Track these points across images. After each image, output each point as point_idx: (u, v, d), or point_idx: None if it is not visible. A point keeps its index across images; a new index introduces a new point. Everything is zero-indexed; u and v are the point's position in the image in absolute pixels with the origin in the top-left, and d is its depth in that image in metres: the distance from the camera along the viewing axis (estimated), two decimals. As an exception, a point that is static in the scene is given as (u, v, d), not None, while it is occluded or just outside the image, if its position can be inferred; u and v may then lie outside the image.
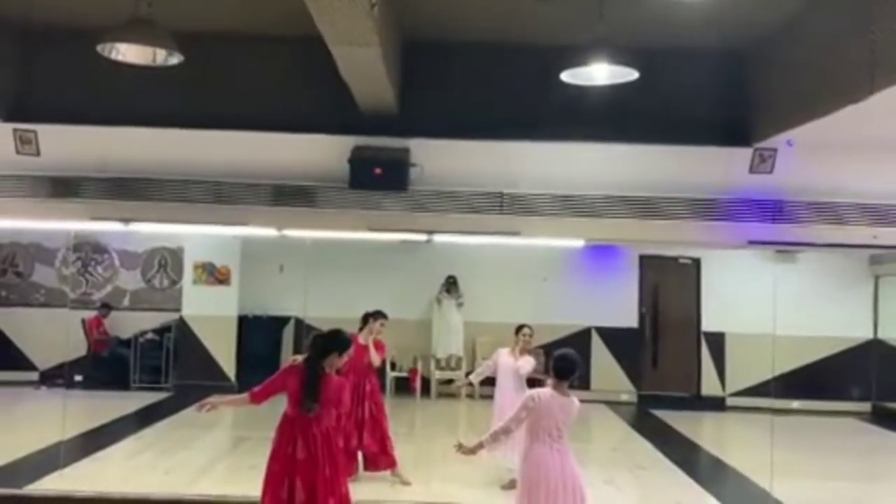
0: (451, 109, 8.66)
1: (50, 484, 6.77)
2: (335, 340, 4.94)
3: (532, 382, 6.90)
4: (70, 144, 8.86)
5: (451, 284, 12.58)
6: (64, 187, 9.10)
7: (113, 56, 6.31)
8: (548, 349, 7.91)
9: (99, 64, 6.61)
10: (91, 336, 12.57)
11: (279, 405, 4.99)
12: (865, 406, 12.76)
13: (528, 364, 7.10)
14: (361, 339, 7.26)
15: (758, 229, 9.05)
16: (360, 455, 7.22)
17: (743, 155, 8.67)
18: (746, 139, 8.62)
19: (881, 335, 12.85)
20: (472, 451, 4.91)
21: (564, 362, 4.72)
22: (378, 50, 6.46)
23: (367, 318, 7.43)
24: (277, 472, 4.73)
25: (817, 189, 8.86)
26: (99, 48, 6.14)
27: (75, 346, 12.06)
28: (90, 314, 12.74)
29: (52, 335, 11.43)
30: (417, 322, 12.61)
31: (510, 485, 6.74)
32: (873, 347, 12.82)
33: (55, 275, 13.17)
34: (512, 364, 7.17)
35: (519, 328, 7.30)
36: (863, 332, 12.86)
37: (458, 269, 12.54)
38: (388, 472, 7.24)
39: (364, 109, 8.35)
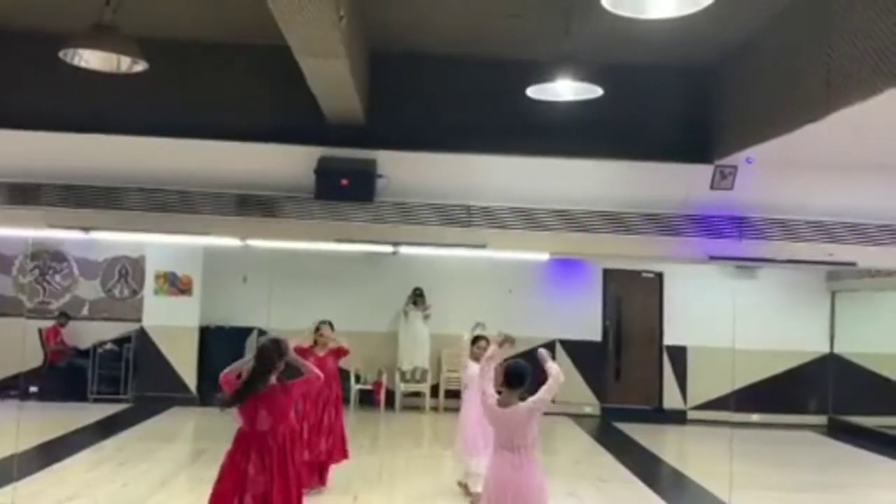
0: (418, 121, 8.70)
1: (3, 498, 6.60)
2: (272, 349, 4.73)
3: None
4: (28, 150, 8.70)
5: (417, 296, 12.56)
6: (21, 194, 8.92)
7: (76, 62, 6.23)
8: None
9: (60, 69, 6.53)
10: (48, 346, 12.30)
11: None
12: (822, 419, 13.01)
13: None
14: (318, 352, 7.23)
15: (718, 245, 9.22)
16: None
17: (704, 171, 8.83)
18: (708, 156, 8.78)
19: (837, 349, 13.12)
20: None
21: (514, 371, 4.69)
22: (345, 62, 6.47)
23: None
24: (228, 490, 4.59)
25: (776, 206, 9.05)
26: (61, 53, 6.06)
27: (31, 357, 11.78)
28: (47, 324, 12.48)
29: (8, 345, 11.15)
30: (383, 334, 12.57)
31: (473, 496, 6.76)
32: (830, 361, 13.08)
33: (11, 283, 12.87)
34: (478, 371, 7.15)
35: (475, 340, 7.31)
36: (820, 347, 13.13)
37: (424, 281, 12.53)
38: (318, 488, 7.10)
39: (331, 120, 8.34)
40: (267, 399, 4.62)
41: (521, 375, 4.68)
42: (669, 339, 13.16)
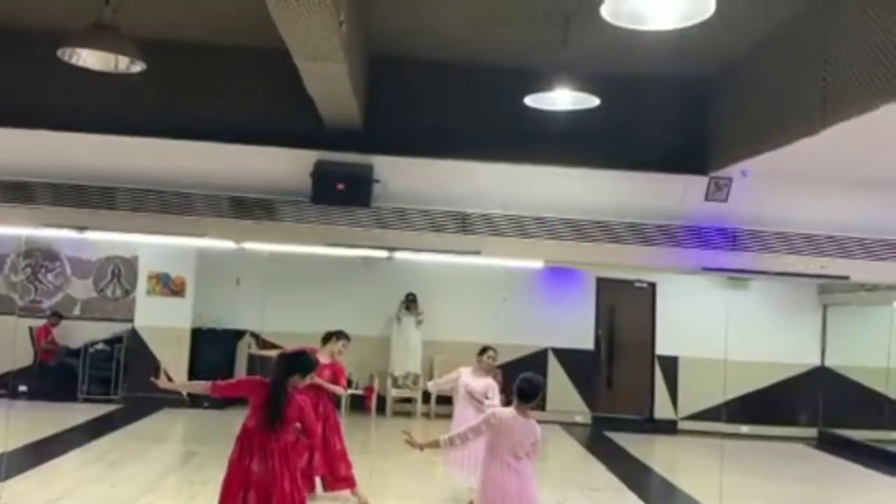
0: (415, 127, 8.71)
1: (-10, 497, 6.57)
2: (299, 361, 4.92)
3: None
4: (25, 148, 8.67)
5: (410, 302, 12.56)
6: (16, 192, 8.89)
7: (73, 61, 6.23)
8: (505, 369, 7.97)
9: (58, 68, 6.51)
10: (39, 345, 12.24)
11: (231, 420, 4.92)
12: (812, 432, 13.05)
13: (492, 391, 7.03)
14: (321, 358, 7.20)
15: (712, 256, 9.25)
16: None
17: (699, 183, 8.87)
18: (703, 168, 8.83)
19: (828, 362, 13.17)
20: (423, 447, 4.92)
21: (529, 385, 4.74)
22: (345, 66, 6.48)
23: (328, 338, 7.35)
24: (235, 482, 4.72)
25: (770, 219, 9.10)
26: (60, 52, 6.06)
27: (22, 356, 11.72)
28: (39, 322, 12.42)
29: (-2, 343, 11.14)
30: (376, 339, 12.55)
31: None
32: (820, 374, 13.12)
33: (3, 281, 12.81)
34: (473, 385, 7.14)
35: (483, 350, 7.27)
36: (810, 359, 13.18)
37: (417, 287, 12.53)
38: (346, 492, 7.16)
39: (328, 124, 8.35)
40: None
41: (536, 390, 4.74)
42: (661, 349, 13.18)
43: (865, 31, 5.60)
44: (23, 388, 11.83)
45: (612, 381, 13.30)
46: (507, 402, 5.28)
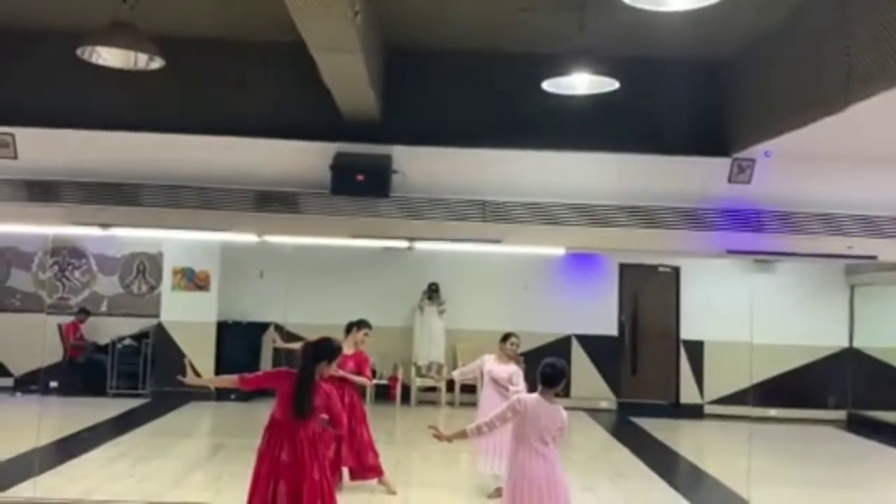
0: (433, 117, 8.68)
1: (24, 492, 6.69)
2: (324, 348, 4.96)
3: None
4: (49, 148, 8.76)
5: (432, 292, 12.58)
6: (42, 191, 9.00)
7: (93, 59, 6.28)
8: (529, 356, 7.95)
9: (80, 66, 6.57)
10: (67, 341, 12.43)
11: (258, 412, 4.97)
12: (841, 414, 12.91)
13: (517, 377, 7.04)
14: (345, 349, 7.24)
15: (736, 239, 9.14)
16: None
17: (721, 165, 8.77)
18: (725, 149, 8.71)
19: (856, 344, 13.01)
20: (450, 438, 4.92)
21: (552, 370, 4.74)
22: (360, 57, 6.48)
23: (350, 328, 7.39)
24: (265, 473, 4.78)
25: (794, 199, 8.96)
26: (79, 51, 6.11)
27: (51, 352, 11.91)
28: (67, 319, 12.60)
29: (28, 340, 11.29)
30: (399, 329, 12.59)
31: (496, 493, 6.75)
32: (849, 356, 12.97)
33: (31, 279, 13.01)
34: (497, 371, 7.16)
35: (506, 336, 7.28)
36: (838, 341, 13.02)
37: (439, 277, 12.55)
38: (374, 481, 7.21)
39: (346, 116, 8.35)
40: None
41: (559, 374, 4.74)
42: (686, 334, 13.09)
43: (888, 6, 5.49)
44: (53, 384, 12.02)
45: (637, 367, 13.24)
46: (531, 390, 5.27)
